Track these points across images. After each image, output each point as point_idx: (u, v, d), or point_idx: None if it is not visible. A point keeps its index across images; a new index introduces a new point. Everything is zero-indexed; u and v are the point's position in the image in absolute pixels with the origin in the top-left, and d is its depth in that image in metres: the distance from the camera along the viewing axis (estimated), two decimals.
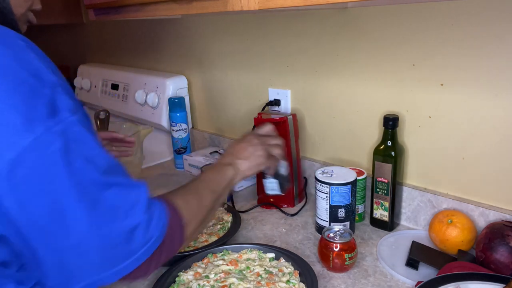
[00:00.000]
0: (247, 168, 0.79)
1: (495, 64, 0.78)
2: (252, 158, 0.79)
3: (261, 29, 1.19)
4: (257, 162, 0.80)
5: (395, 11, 0.89)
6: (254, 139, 0.82)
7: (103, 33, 1.92)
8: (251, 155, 0.79)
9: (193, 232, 0.62)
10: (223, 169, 0.76)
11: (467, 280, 0.67)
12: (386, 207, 0.94)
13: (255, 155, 0.80)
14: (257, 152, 0.80)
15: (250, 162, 0.79)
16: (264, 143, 0.82)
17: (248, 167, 0.79)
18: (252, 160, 0.79)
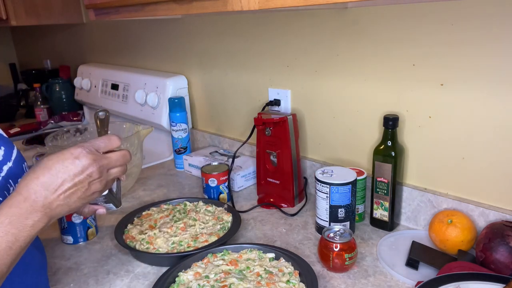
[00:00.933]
0: (62, 213, 0.58)
1: (495, 64, 0.78)
2: (75, 201, 0.58)
3: (261, 29, 1.19)
4: (82, 203, 0.60)
5: (395, 11, 0.89)
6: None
7: (103, 33, 1.92)
8: (74, 196, 0.58)
9: None
10: (27, 222, 0.53)
11: (467, 280, 0.67)
12: (386, 207, 0.94)
13: (81, 198, 0.59)
14: (86, 193, 0.59)
15: (70, 206, 0.58)
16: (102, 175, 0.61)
17: (65, 212, 0.58)
18: (74, 203, 0.58)
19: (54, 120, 1.93)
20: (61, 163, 0.57)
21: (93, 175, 0.59)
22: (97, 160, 0.60)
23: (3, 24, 1.76)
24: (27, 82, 2.35)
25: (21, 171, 0.66)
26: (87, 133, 1.26)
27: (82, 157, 0.58)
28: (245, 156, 1.33)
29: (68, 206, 0.58)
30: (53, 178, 0.55)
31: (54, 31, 2.26)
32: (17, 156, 0.66)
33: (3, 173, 0.61)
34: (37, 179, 0.55)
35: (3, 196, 0.59)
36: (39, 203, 0.54)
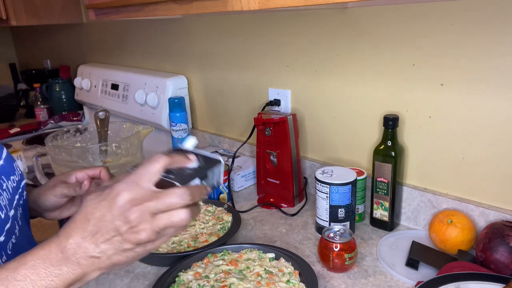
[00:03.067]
0: (111, 267, 0.49)
1: (495, 64, 0.78)
2: (113, 255, 0.48)
3: (261, 29, 1.19)
4: (136, 259, 0.50)
5: (395, 11, 0.89)
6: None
7: (103, 33, 1.92)
8: (110, 249, 0.47)
9: None
10: (57, 270, 0.45)
11: (467, 280, 0.67)
12: (386, 207, 0.94)
13: (119, 251, 0.48)
14: (124, 245, 0.47)
15: (111, 260, 0.48)
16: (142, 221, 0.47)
17: (114, 265, 0.48)
18: (114, 258, 0.48)
19: (54, 120, 1.93)
20: (93, 202, 0.48)
21: (129, 219, 0.46)
22: (135, 198, 0.47)
23: (3, 24, 1.76)
24: (27, 82, 2.35)
25: (12, 169, 0.66)
26: (87, 133, 1.26)
27: (116, 195, 0.47)
28: (245, 156, 1.33)
29: (108, 258, 0.47)
30: (85, 221, 0.47)
31: (54, 31, 2.26)
32: (7, 155, 0.67)
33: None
34: (73, 222, 0.48)
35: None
36: (70, 250, 0.46)
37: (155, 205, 0.47)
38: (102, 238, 0.46)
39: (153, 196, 0.48)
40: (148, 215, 0.47)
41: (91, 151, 1.14)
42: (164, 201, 0.47)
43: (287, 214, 1.05)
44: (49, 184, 0.76)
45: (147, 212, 0.47)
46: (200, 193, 0.51)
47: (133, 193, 0.47)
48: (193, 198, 0.49)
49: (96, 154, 1.13)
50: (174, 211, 0.48)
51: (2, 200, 0.60)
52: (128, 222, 0.46)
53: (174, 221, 0.48)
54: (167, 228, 0.48)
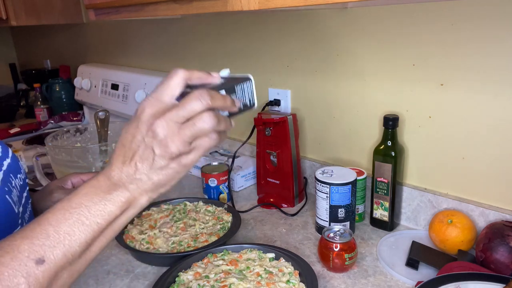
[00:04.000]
0: (155, 189, 0.49)
1: (495, 64, 0.78)
2: (149, 172, 0.47)
3: (261, 29, 1.19)
4: (176, 177, 0.50)
5: (395, 11, 0.89)
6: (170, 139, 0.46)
7: (103, 33, 1.92)
8: (145, 166, 0.47)
9: None
10: (108, 194, 0.47)
11: (467, 280, 0.67)
12: (386, 207, 0.94)
13: (153, 168, 0.47)
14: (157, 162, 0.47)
15: (151, 179, 0.48)
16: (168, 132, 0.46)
17: (157, 187, 0.49)
18: (153, 175, 0.48)
19: (54, 120, 1.93)
20: (125, 127, 0.48)
21: (156, 132, 0.46)
22: (158, 112, 0.46)
23: (3, 24, 1.76)
24: (27, 82, 2.35)
25: (19, 168, 0.67)
26: (87, 133, 1.26)
27: (140, 113, 0.47)
28: (245, 156, 1.33)
29: (149, 179, 0.47)
30: (122, 147, 0.48)
31: (54, 31, 2.26)
32: (12, 154, 0.68)
33: (4, 167, 0.63)
34: (114, 152, 0.49)
35: (7, 187, 0.60)
36: (115, 176, 0.47)
37: (176, 113, 0.46)
38: (139, 158, 0.47)
39: (174, 106, 0.47)
40: (174, 126, 0.46)
41: (91, 151, 1.13)
42: (184, 107, 0.46)
43: (287, 214, 1.05)
44: (46, 190, 0.76)
45: (171, 122, 0.46)
46: (224, 100, 0.49)
47: (154, 107, 0.47)
48: (213, 100, 0.47)
49: (96, 154, 1.13)
50: (197, 116, 0.46)
51: (14, 196, 0.61)
52: (156, 136, 0.46)
53: (199, 127, 0.46)
54: (194, 136, 0.47)
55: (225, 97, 0.50)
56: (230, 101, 0.51)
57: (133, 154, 0.47)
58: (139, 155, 0.47)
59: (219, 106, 0.49)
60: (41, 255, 0.42)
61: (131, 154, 0.47)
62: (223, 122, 0.49)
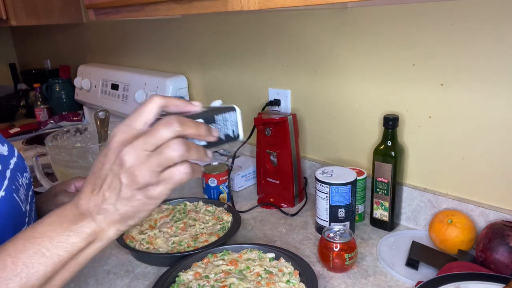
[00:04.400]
0: (122, 221, 0.47)
1: (495, 64, 0.78)
2: (131, 206, 0.46)
3: (261, 29, 1.19)
4: (143, 209, 0.46)
5: (395, 11, 0.89)
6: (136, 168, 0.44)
7: (103, 33, 1.92)
8: (112, 195, 0.45)
9: None
10: (73, 225, 0.45)
11: (467, 280, 0.67)
12: (386, 207, 0.94)
13: (121, 198, 0.45)
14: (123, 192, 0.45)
15: (118, 210, 0.46)
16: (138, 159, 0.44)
17: (124, 218, 0.46)
18: (131, 209, 0.46)
19: (54, 120, 1.93)
20: (98, 154, 0.47)
21: (123, 160, 0.43)
22: (127, 139, 0.45)
23: (3, 24, 1.76)
24: (27, 82, 2.35)
25: (24, 166, 0.68)
26: (87, 133, 1.26)
27: (110, 140, 0.46)
28: (245, 156, 1.33)
29: (116, 210, 0.45)
30: (92, 175, 0.46)
31: (54, 31, 2.26)
32: (18, 153, 0.69)
33: (11, 165, 0.63)
34: (86, 180, 0.48)
35: (14, 185, 0.61)
36: (82, 205, 0.46)
37: (144, 141, 0.44)
38: (106, 187, 0.45)
39: (144, 133, 0.45)
40: (142, 154, 0.44)
41: (91, 151, 1.13)
42: (152, 134, 0.44)
43: (287, 214, 1.05)
44: (50, 193, 0.77)
45: (139, 150, 0.43)
46: (196, 126, 0.46)
47: (125, 135, 0.45)
48: (183, 127, 0.44)
49: (96, 154, 1.13)
50: (165, 144, 0.44)
51: (21, 195, 0.62)
52: (122, 164, 0.44)
53: (166, 154, 0.43)
54: (162, 165, 0.44)
55: (199, 124, 0.46)
56: (205, 129, 0.47)
57: (102, 183, 0.45)
58: (107, 184, 0.45)
59: (191, 134, 0.45)
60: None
61: (100, 182, 0.45)
62: (195, 152, 0.46)
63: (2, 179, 0.59)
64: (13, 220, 0.58)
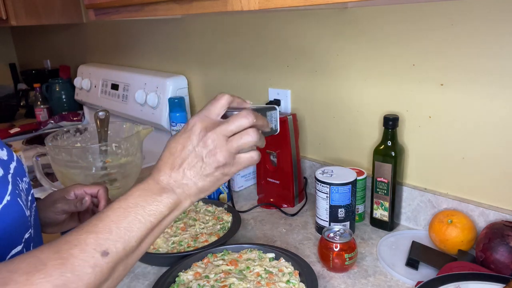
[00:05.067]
0: (198, 194, 0.54)
1: (495, 64, 0.78)
2: (196, 178, 0.53)
3: (261, 29, 1.19)
4: (216, 184, 0.55)
5: (395, 11, 0.89)
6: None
7: (103, 33, 1.92)
8: (192, 172, 0.53)
9: None
10: (159, 196, 0.52)
11: (467, 280, 0.67)
12: (386, 207, 0.94)
13: (200, 174, 0.53)
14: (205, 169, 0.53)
15: (196, 184, 0.53)
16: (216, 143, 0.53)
17: (200, 192, 0.54)
18: (198, 180, 0.53)
19: (54, 120, 1.93)
20: (175, 138, 0.55)
21: (207, 143, 0.52)
22: (208, 126, 0.53)
23: (3, 24, 1.76)
24: (27, 82, 2.35)
25: (23, 171, 0.68)
26: (87, 133, 1.26)
27: (192, 126, 0.54)
28: None
29: (194, 184, 0.53)
30: (170, 156, 0.54)
31: (54, 31, 2.26)
32: (17, 157, 0.68)
33: (11, 170, 0.63)
34: (161, 160, 0.55)
35: (17, 190, 0.61)
36: (163, 181, 0.53)
37: (226, 128, 0.53)
38: (188, 166, 0.53)
39: (223, 122, 0.54)
40: (223, 138, 0.53)
41: (91, 151, 1.13)
42: (233, 122, 0.53)
43: (287, 214, 1.05)
44: (49, 200, 0.77)
45: (221, 135, 0.53)
46: (262, 120, 0.56)
47: (205, 123, 0.54)
48: (257, 118, 0.54)
49: (96, 154, 1.13)
50: (243, 131, 0.53)
51: (23, 200, 0.61)
52: (206, 146, 0.52)
53: (244, 140, 0.53)
54: (239, 148, 0.53)
55: (264, 117, 0.57)
56: (266, 121, 0.58)
57: (182, 161, 0.53)
58: (188, 163, 0.53)
59: (259, 125, 0.56)
60: (106, 248, 0.46)
61: (179, 161, 0.53)
62: (262, 139, 0.56)
63: (5, 184, 0.58)
64: (19, 226, 0.58)
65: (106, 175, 1.10)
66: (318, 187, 0.92)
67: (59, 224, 0.76)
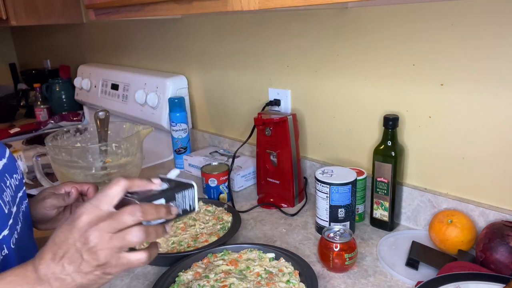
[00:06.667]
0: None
1: (495, 64, 0.78)
2: (89, 279, 0.50)
3: (261, 29, 1.19)
4: (97, 283, 0.52)
5: (395, 11, 0.89)
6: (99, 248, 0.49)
7: (103, 33, 1.92)
8: (70, 268, 0.49)
9: None
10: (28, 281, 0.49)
11: (467, 280, 0.67)
12: (386, 207, 0.94)
13: (80, 271, 0.50)
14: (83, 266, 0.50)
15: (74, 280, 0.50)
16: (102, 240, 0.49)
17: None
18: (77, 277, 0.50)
19: (54, 120, 1.93)
20: (61, 227, 0.51)
21: (88, 239, 0.49)
22: (93, 220, 0.50)
23: (3, 24, 1.76)
24: (27, 82, 2.35)
25: (15, 167, 0.69)
26: (87, 133, 1.26)
27: (77, 218, 0.50)
28: (245, 156, 1.33)
29: (73, 280, 0.49)
30: (53, 245, 0.50)
31: (54, 31, 2.26)
32: (9, 154, 0.69)
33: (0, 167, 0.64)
34: (46, 246, 0.51)
35: (0, 187, 0.61)
36: (41, 271, 0.49)
37: (109, 224, 0.49)
38: (68, 260, 0.49)
39: (109, 216, 0.50)
40: (106, 235, 0.49)
41: (91, 151, 1.13)
42: (117, 219, 0.50)
43: (287, 214, 1.05)
44: (39, 196, 0.77)
45: (104, 231, 0.49)
46: (157, 211, 0.52)
47: (91, 215, 0.50)
48: (145, 214, 0.51)
49: (96, 154, 1.13)
50: (127, 229, 0.50)
51: (6, 196, 0.62)
52: (86, 242, 0.49)
53: (127, 239, 0.50)
54: (123, 248, 0.50)
55: (159, 208, 0.53)
56: (165, 211, 0.53)
57: (63, 254, 0.49)
58: (68, 257, 0.49)
59: (152, 219, 0.52)
60: None
61: (61, 253, 0.50)
62: (154, 234, 0.53)
63: None
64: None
65: (106, 175, 1.10)
66: (318, 187, 0.92)
67: (50, 220, 0.77)
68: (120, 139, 1.19)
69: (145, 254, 0.53)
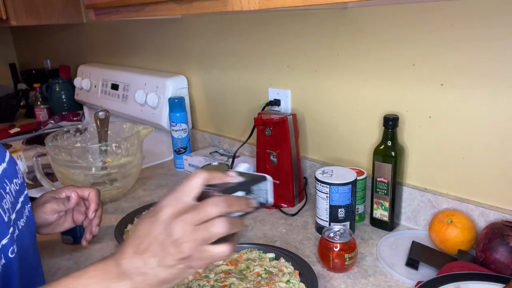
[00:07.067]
0: (158, 285, 0.49)
1: (495, 64, 0.78)
2: (157, 269, 0.48)
3: (261, 29, 1.19)
4: (179, 277, 0.50)
5: (395, 11, 0.89)
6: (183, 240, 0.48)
7: (103, 33, 1.92)
8: (153, 262, 0.48)
9: None
10: (114, 283, 0.48)
11: (467, 280, 0.67)
12: (386, 207, 0.94)
13: (162, 265, 0.48)
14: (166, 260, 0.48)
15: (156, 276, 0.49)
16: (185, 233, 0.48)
17: (160, 283, 0.49)
18: (159, 272, 0.49)
19: (54, 120, 1.93)
20: (143, 219, 0.50)
21: (172, 232, 0.47)
22: (176, 212, 0.48)
23: (3, 24, 1.76)
24: (27, 82, 2.35)
25: (15, 172, 0.67)
26: (87, 133, 1.26)
27: (159, 211, 0.49)
28: (245, 156, 1.33)
29: (155, 275, 0.48)
30: (136, 238, 0.49)
31: (54, 31, 2.26)
32: (10, 158, 0.67)
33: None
34: (127, 240, 0.50)
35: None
36: (124, 265, 0.48)
37: (192, 216, 0.48)
38: (150, 253, 0.48)
39: (192, 208, 0.49)
40: (190, 227, 0.48)
41: (91, 151, 1.14)
42: (202, 211, 0.48)
43: (287, 214, 1.05)
44: (39, 201, 0.77)
45: (188, 223, 0.48)
46: (239, 203, 0.51)
47: (174, 208, 0.49)
48: (229, 206, 0.49)
49: (96, 154, 1.13)
50: (211, 221, 0.48)
51: (5, 203, 0.60)
52: (170, 235, 0.47)
53: (212, 231, 0.48)
54: (207, 240, 0.48)
55: (240, 200, 0.52)
56: (245, 203, 0.52)
57: (146, 247, 0.48)
58: (152, 251, 0.48)
59: (235, 211, 0.50)
60: None
61: (144, 247, 0.48)
62: (236, 226, 0.50)
63: None
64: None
65: (106, 175, 1.10)
66: (318, 187, 0.92)
67: (51, 224, 0.76)
68: (120, 139, 1.19)
69: (229, 247, 0.50)
